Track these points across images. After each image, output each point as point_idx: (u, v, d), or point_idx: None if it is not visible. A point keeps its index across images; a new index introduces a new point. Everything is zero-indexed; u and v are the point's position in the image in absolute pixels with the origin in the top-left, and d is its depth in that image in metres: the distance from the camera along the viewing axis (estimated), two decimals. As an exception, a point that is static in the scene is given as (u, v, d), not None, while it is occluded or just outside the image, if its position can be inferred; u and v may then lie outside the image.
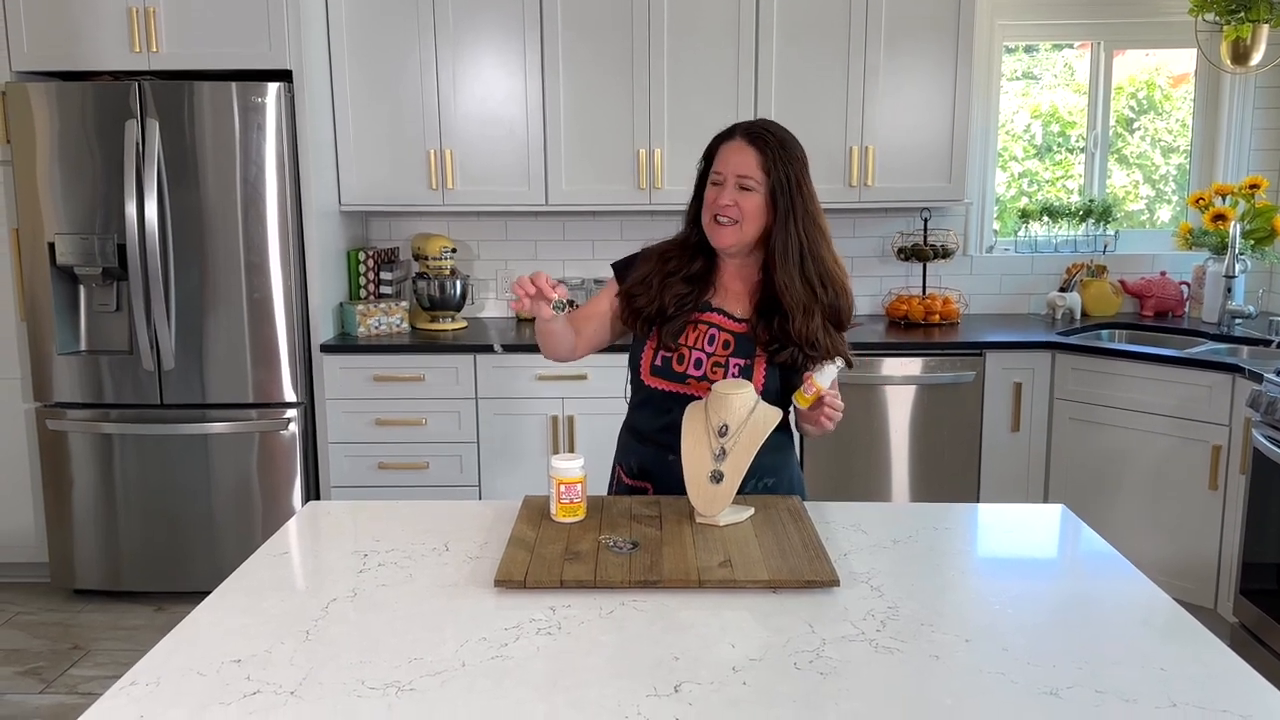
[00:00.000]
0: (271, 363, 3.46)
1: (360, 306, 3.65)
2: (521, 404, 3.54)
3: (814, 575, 1.46)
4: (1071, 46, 4.20)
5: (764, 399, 1.77)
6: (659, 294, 1.87)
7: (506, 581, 1.45)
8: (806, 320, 1.81)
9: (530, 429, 3.56)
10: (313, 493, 3.58)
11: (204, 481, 3.50)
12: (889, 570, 1.54)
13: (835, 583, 1.45)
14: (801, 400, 1.75)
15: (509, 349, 3.51)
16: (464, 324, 3.86)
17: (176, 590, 3.55)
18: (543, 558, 1.53)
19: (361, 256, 3.82)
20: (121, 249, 3.38)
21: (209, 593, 1.47)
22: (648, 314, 1.87)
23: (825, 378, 1.74)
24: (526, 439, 3.56)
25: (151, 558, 3.54)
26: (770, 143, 1.82)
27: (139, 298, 3.38)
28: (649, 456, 1.91)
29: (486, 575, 1.51)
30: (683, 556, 1.53)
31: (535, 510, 1.73)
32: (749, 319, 1.87)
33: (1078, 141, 4.25)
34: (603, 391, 3.52)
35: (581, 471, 1.68)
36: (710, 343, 1.86)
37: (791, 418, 1.93)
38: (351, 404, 3.53)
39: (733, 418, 1.70)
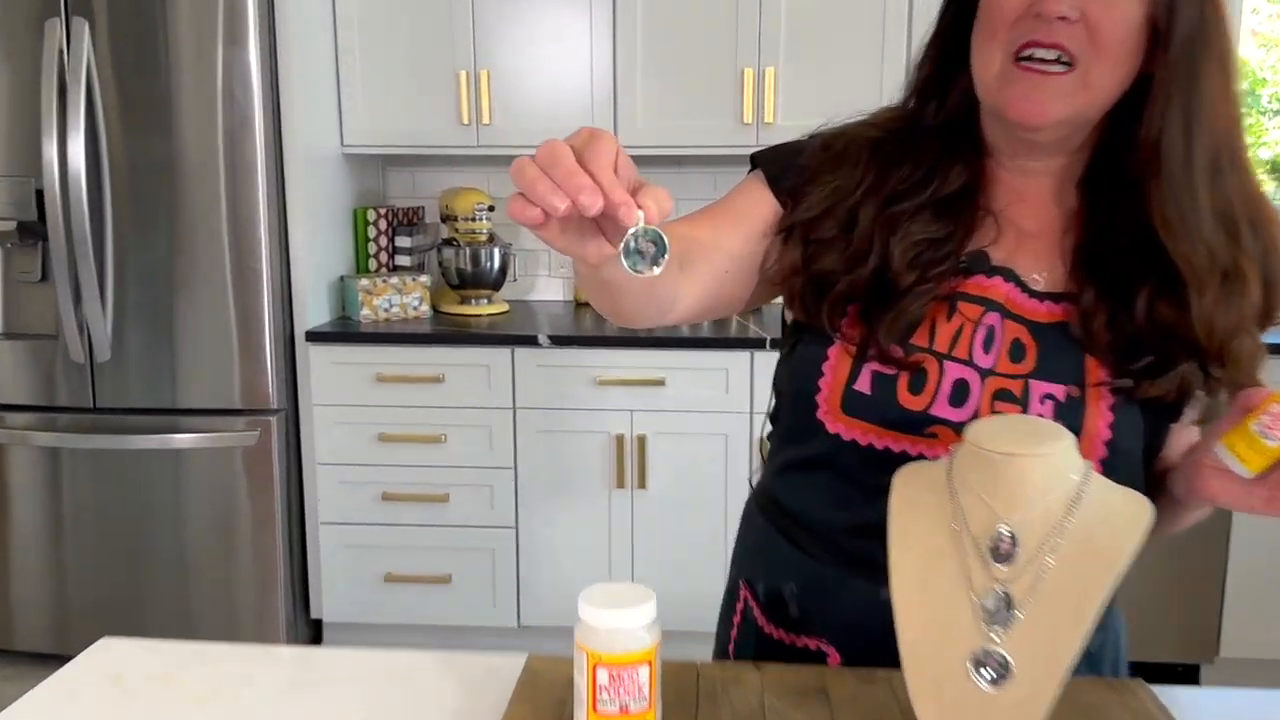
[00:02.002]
0: (237, 354, 2.54)
1: (365, 282, 2.72)
2: (575, 417, 2.57)
3: None
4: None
5: (1112, 474, 0.75)
6: (876, 241, 0.86)
7: None
8: (1228, 299, 0.81)
9: (587, 452, 2.58)
10: (296, 529, 2.67)
11: (150, 514, 2.61)
12: None
13: None
14: (1253, 455, 0.73)
15: (559, 341, 2.54)
16: (503, 307, 2.90)
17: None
18: None
19: (371, 216, 2.89)
20: (41, 197, 2.51)
21: None
22: (846, 288, 0.86)
23: None
24: (582, 465, 2.59)
25: (67, 614, 2.67)
26: None
27: (61, 265, 2.50)
28: (821, 582, 0.90)
29: None
30: None
31: (545, 709, 0.75)
32: (1073, 292, 0.86)
33: (1270, 102, 3.26)
34: (686, 402, 2.53)
35: (650, 637, 0.70)
36: (987, 345, 0.85)
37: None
38: (347, 412, 2.61)
39: (1031, 514, 0.68)
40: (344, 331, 2.62)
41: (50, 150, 2.44)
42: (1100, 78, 0.81)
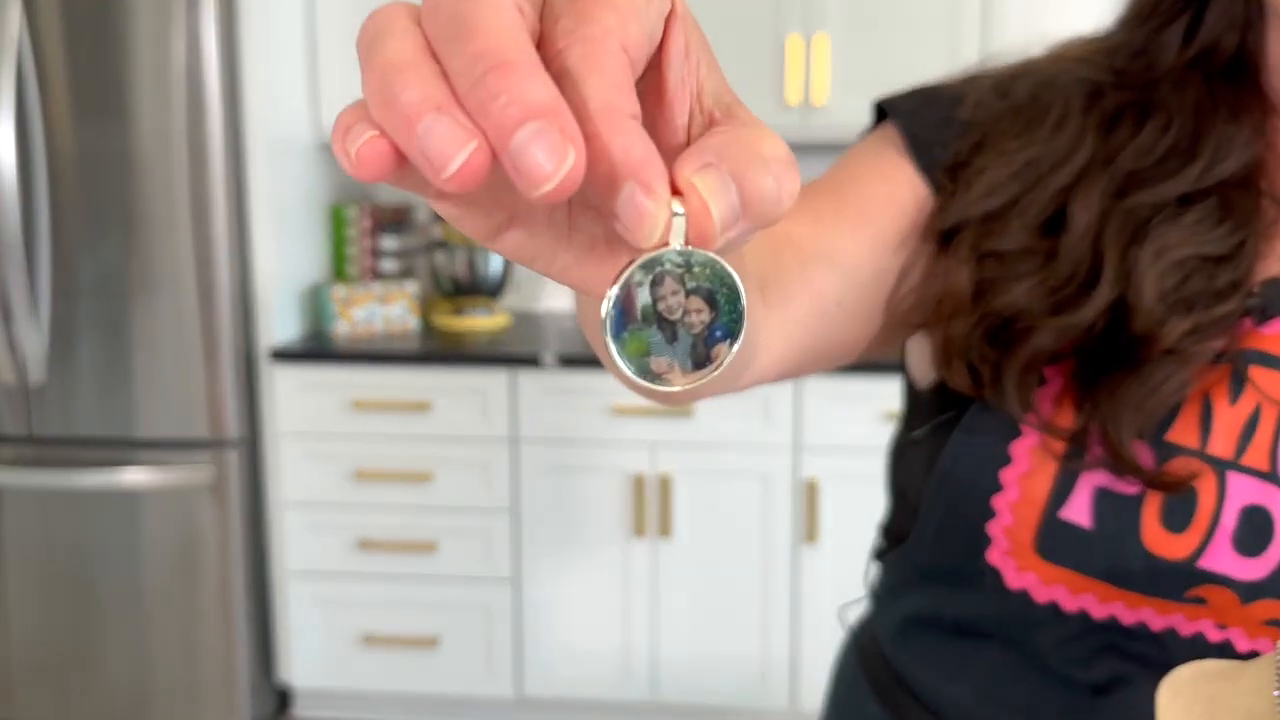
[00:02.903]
0: (201, 377, 2.18)
1: (342, 291, 2.34)
2: (586, 452, 2.17)
3: None
4: None
5: None
6: (1109, 258, 0.46)
7: None
8: None
9: (600, 494, 2.18)
10: (258, 582, 2.29)
11: (99, 561, 2.25)
12: None
13: None
14: None
15: (568, 362, 2.14)
16: (503, 320, 2.51)
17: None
18: None
19: (351, 215, 2.51)
20: (-38, 192, 2.16)
21: None
22: (1052, 339, 0.46)
23: None
24: (594, 509, 2.19)
25: (8, 674, 2.31)
26: None
27: (-16, 270, 2.15)
28: None
29: None
30: None
31: None
32: None
33: None
34: (719, 436, 2.12)
35: None
36: None
37: None
38: (318, 444, 2.23)
39: None
40: (316, 350, 2.24)
41: (-29, 137, 2.09)
42: None
